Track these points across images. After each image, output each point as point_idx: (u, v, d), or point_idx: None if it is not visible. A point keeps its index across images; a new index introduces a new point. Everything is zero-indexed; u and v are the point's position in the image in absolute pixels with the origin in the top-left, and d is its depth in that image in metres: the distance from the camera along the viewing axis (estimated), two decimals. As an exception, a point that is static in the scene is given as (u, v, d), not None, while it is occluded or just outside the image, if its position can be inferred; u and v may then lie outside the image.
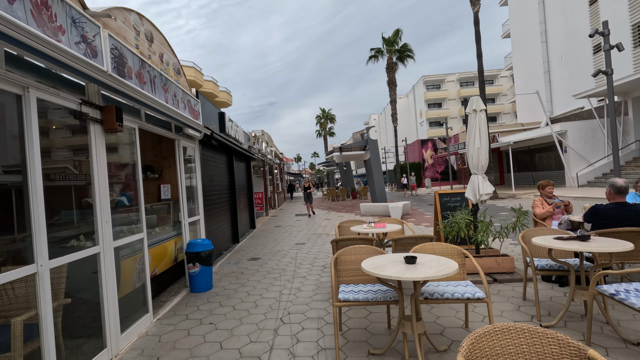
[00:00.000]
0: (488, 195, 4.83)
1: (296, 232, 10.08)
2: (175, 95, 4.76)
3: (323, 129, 60.19)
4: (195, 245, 4.86)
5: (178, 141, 5.15)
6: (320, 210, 17.25)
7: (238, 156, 9.85)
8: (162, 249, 4.70)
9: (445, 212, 5.98)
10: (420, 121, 56.80)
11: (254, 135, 12.53)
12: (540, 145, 21.21)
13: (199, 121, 5.82)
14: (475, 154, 4.85)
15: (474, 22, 17.50)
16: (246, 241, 9.12)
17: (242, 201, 10.04)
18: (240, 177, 10.20)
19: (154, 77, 4.13)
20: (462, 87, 54.56)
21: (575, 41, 23.68)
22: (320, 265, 6.00)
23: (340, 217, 13.54)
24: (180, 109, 4.91)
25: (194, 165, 5.87)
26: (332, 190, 24.72)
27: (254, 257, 7.07)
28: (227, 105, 36.22)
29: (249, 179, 11.59)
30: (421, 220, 11.03)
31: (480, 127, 4.88)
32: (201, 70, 29.35)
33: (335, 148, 16.13)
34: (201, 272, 4.85)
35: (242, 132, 10.04)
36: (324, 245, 7.86)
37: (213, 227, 6.88)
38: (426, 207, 15.38)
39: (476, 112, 4.89)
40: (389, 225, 5.02)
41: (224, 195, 8.02)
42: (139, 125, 3.94)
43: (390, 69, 32.68)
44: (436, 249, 3.42)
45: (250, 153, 10.62)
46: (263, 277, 5.48)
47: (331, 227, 10.81)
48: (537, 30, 27.60)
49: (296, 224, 12.22)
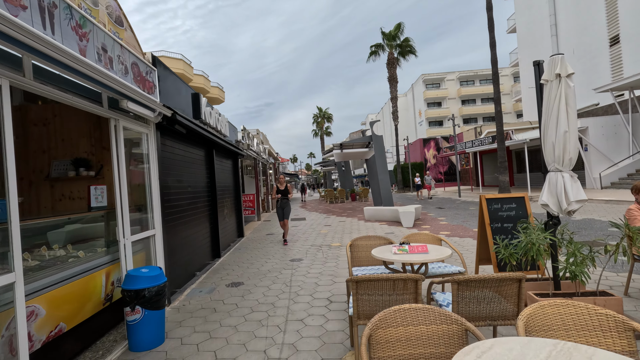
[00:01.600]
0: (581, 203, 3.20)
1: (291, 243, 8.41)
2: (104, 49, 3.08)
3: (320, 129, 58.57)
4: (136, 280, 3.18)
5: (116, 122, 3.47)
6: (318, 214, 15.58)
7: (221, 151, 8.16)
8: (77, 287, 3.01)
9: (495, 223, 4.35)
10: (419, 121, 55.41)
11: (243, 129, 10.87)
12: (554, 144, 19.72)
13: (154, 97, 4.14)
14: (560, 139, 3.23)
15: (486, 8, 15.97)
16: (230, 255, 7.43)
17: (226, 206, 8.36)
18: (224, 177, 8.51)
19: (52, 6, 2.45)
20: (462, 86, 53.28)
21: (589, 34, 22.28)
22: (324, 298, 4.33)
23: (342, 222, 11.89)
24: (115, 71, 3.24)
25: (148, 158, 4.19)
26: (330, 192, 23.07)
27: (236, 281, 5.39)
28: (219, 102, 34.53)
29: (236, 179, 9.90)
30: (437, 228, 9.40)
31: (568, 101, 3.25)
32: (190, 63, 27.60)
33: (335, 145, 14.49)
34: (145, 320, 3.17)
35: (227, 122, 8.36)
36: (326, 262, 6.20)
37: (179, 244, 5.19)
38: (435, 210, 13.77)
39: (560, 78, 3.27)
40: (430, 247, 3.36)
41: (199, 200, 6.33)
42: (14, 81, 2.27)
43: (391, 65, 31.18)
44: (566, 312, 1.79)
45: (237, 148, 8.93)
46: (243, 320, 3.80)
47: (333, 235, 9.15)
48: (546, 23, 26.20)
49: (291, 231, 10.55)
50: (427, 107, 53.84)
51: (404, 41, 30.84)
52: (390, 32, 31.09)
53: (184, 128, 5.04)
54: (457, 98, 53.11)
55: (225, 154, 8.74)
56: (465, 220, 10.66)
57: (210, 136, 6.21)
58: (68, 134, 4.13)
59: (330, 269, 5.75)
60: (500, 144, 15.60)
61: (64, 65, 2.54)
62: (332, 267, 5.86)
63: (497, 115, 15.71)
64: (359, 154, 15.13)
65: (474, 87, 52.58)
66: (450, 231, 8.78)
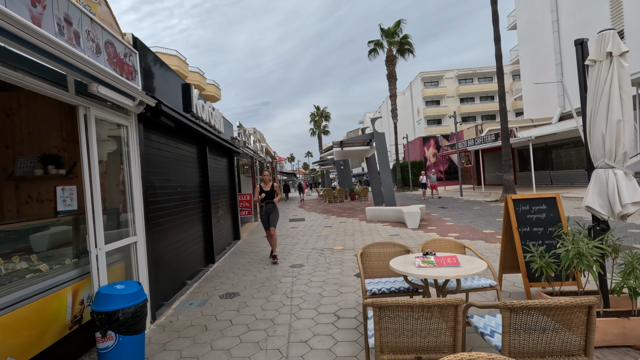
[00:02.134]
0: (638, 205, 2.71)
1: (291, 246, 7.89)
2: (67, 20, 2.54)
3: (317, 127, 58.02)
4: (108, 299, 2.65)
5: (86, 110, 2.93)
6: (317, 214, 15.06)
7: (215, 148, 7.62)
8: (34, 310, 2.47)
9: (523, 227, 3.86)
10: (417, 119, 55.02)
11: (239, 125, 10.32)
12: (559, 142, 19.32)
13: (135, 83, 3.60)
14: (612, 130, 2.73)
15: (491, 2, 15.46)
16: (225, 260, 6.89)
17: (220, 207, 7.82)
18: (219, 176, 7.98)
19: (-9, -44, 1.91)
20: (461, 84, 52.92)
21: (592, 30, 21.85)
22: (330, 313, 3.82)
23: (343, 223, 11.38)
24: (83, 49, 2.70)
25: (129, 154, 3.65)
26: (329, 191, 22.54)
27: (230, 291, 4.86)
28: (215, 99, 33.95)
29: (231, 178, 9.37)
30: (444, 229, 8.92)
31: (622, 84, 2.75)
32: (186, 60, 26.96)
33: (335, 143, 13.98)
34: (120, 348, 2.64)
35: (222, 117, 7.82)
36: (329, 269, 5.68)
37: (167, 251, 4.65)
38: (438, 210, 13.29)
39: (612, 57, 2.77)
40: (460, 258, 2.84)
41: (191, 202, 5.79)
42: None
43: (390, 62, 30.71)
44: None
45: (232, 145, 8.40)
46: (238, 341, 3.28)
47: (334, 237, 8.64)
48: (547, 19, 25.82)
49: (290, 232, 10.03)
50: (425, 105, 53.47)
51: (403, 38, 30.36)
52: (389, 28, 30.62)
53: (171, 121, 4.50)
54: (456, 96, 52.77)
55: (219, 151, 8.21)
56: (472, 220, 10.19)
57: (203, 131, 5.67)
58: (36, 126, 3.59)
59: (334, 276, 5.23)
60: (505, 142, 15.13)
61: (9, 35, 2.00)
62: (337, 274, 5.34)
63: (502, 112, 15.24)
64: (359, 152, 14.63)
65: (473, 85, 52.26)
66: (459, 232, 8.29)
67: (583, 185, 17.24)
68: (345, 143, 13.91)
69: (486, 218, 10.46)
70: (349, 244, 7.67)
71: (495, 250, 6.17)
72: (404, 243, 7.17)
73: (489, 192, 19.48)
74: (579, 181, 17.70)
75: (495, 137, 19.00)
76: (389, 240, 5.82)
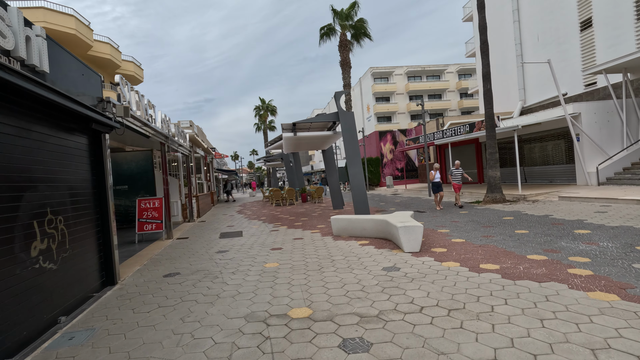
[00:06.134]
0: None
1: (202, 310, 3.95)
2: None
3: (263, 122, 53.46)
4: None
5: None
6: (261, 223, 11.10)
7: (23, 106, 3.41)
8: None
9: None
10: (367, 116, 53.18)
11: (126, 82, 6.05)
12: (531, 135, 17.51)
13: None
14: None
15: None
16: (60, 351, 2.77)
17: (47, 232, 3.62)
18: (52, 169, 3.76)
19: None
20: (410, 81, 52.13)
21: (556, 18, 20.70)
22: None
23: (298, 240, 7.63)
24: None
25: None
26: (276, 192, 18.61)
27: None
28: (137, 81, 28.11)
29: (98, 172, 5.13)
30: (464, 255, 5.60)
31: None
32: (89, 24, 21.11)
33: (285, 126, 10.13)
34: None
35: (61, 50, 3.62)
36: None
37: None
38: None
39: None
40: None
41: None
42: None
43: (343, 47, 27.51)
44: None
45: (95, 111, 4.21)
46: None
47: (289, 277, 4.86)
48: (507, 8, 24.60)
49: (213, 264, 6.05)
50: (375, 102, 51.79)
51: (359, 21, 27.45)
52: (342, 10, 27.51)
53: None
54: (405, 93, 51.90)
55: (50, 117, 3.97)
56: (486, 235, 7.08)
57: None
58: None
59: None
60: (490, 131, 12.55)
61: None
62: None
63: (486, 94, 12.66)
64: (318, 140, 10.99)
65: (422, 83, 51.76)
66: (491, 257, 4.99)
67: (564, 182, 15.49)
68: (299, 126, 10.18)
69: (496, 228, 7.45)
70: (318, 300, 3.97)
71: None
72: (412, 288, 3.61)
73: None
74: (559, 178, 15.91)
75: (469, 127, 16.59)
76: (393, 285, 2.24)
